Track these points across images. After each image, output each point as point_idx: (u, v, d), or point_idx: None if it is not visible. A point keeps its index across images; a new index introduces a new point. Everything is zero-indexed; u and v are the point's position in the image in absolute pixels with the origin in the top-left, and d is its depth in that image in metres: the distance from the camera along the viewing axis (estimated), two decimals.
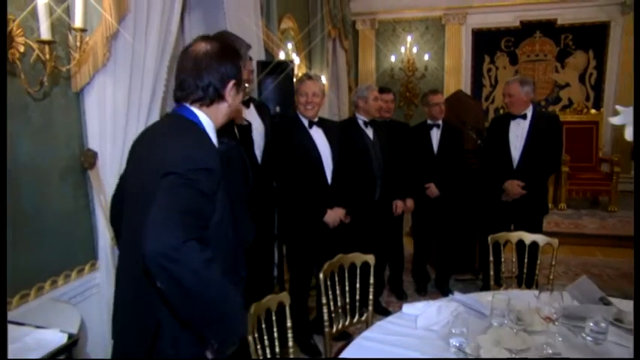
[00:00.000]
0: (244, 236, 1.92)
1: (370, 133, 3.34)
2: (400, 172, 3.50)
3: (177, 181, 1.21)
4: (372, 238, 3.28)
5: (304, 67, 5.28)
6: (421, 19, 7.65)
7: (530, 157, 3.28)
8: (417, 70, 7.58)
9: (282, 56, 4.25)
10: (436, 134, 3.69)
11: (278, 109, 3.07)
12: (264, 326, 1.76)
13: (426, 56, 7.53)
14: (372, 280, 2.27)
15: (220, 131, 1.50)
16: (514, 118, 3.35)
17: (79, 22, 1.87)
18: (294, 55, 4.81)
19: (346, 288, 2.29)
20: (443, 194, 3.65)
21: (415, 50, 7.54)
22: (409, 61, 7.56)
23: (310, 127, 2.85)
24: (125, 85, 2.17)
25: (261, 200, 2.77)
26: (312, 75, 2.97)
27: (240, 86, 1.48)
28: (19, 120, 1.85)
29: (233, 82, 1.43)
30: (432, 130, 3.70)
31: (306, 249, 2.84)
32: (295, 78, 3.91)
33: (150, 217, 1.14)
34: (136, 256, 1.18)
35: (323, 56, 5.56)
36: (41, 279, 1.97)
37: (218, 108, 1.44)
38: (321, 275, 2.11)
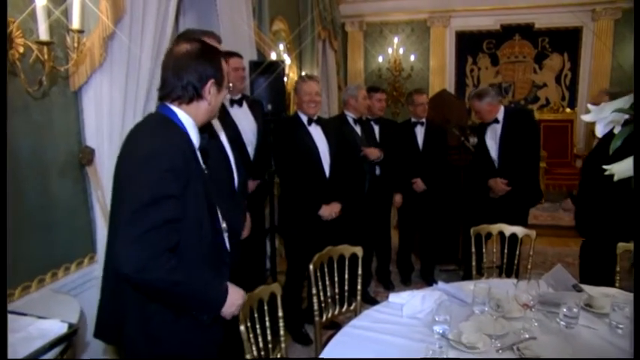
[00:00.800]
0: (235, 226, 2.00)
1: (359, 129, 3.45)
2: (391, 167, 3.61)
3: (144, 193, 1.29)
4: (361, 230, 3.38)
5: (295, 67, 5.33)
6: (407, 21, 7.79)
7: (509, 156, 3.41)
8: (403, 71, 7.69)
9: (273, 56, 4.29)
10: (421, 131, 3.81)
11: (270, 107, 3.14)
12: (256, 316, 1.80)
13: (412, 57, 7.64)
14: (360, 271, 2.33)
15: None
16: (489, 124, 3.49)
17: (76, 24, 1.91)
18: (285, 56, 4.86)
19: (335, 279, 2.35)
20: (428, 189, 3.76)
21: (402, 51, 7.65)
22: (396, 62, 7.66)
23: (309, 124, 2.93)
24: (121, 85, 2.21)
25: (253, 195, 2.84)
26: (313, 76, 3.05)
27: (221, 85, 1.52)
28: (19, 118, 1.88)
29: (212, 81, 1.48)
30: (417, 128, 3.81)
31: (306, 240, 2.90)
32: (286, 77, 3.98)
33: (120, 235, 1.29)
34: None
35: (313, 57, 5.62)
36: (42, 271, 2.01)
37: (198, 106, 1.49)
38: (311, 266, 2.15)
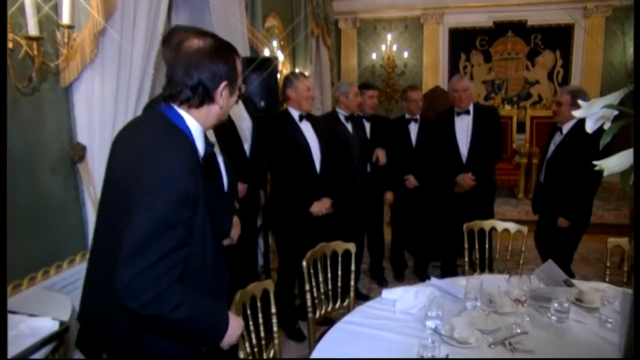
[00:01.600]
0: (223, 228, 1.97)
1: (350, 126, 3.45)
2: (382, 164, 3.60)
3: (153, 223, 1.16)
4: (353, 227, 3.39)
5: (288, 64, 5.32)
6: (400, 18, 7.79)
7: (477, 150, 3.46)
8: (396, 67, 7.71)
9: (266, 53, 4.29)
10: (414, 128, 3.81)
11: (263, 103, 3.14)
12: (249, 312, 1.80)
13: (406, 54, 7.66)
14: (353, 268, 2.34)
15: None
16: (459, 114, 3.51)
17: (66, 19, 1.89)
18: (278, 53, 4.86)
19: (329, 275, 2.36)
20: (421, 185, 3.77)
21: (395, 48, 7.66)
22: (389, 59, 7.68)
23: (300, 120, 2.94)
24: (113, 81, 2.20)
25: (246, 192, 2.83)
26: (303, 73, 3.06)
27: (234, 87, 1.36)
28: (8, 114, 1.85)
29: (225, 82, 1.31)
30: (410, 125, 3.81)
31: (297, 237, 2.90)
32: (279, 74, 3.97)
33: (124, 264, 1.14)
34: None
35: (306, 53, 5.62)
36: (33, 269, 1.99)
37: (209, 110, 1.33)
38: (304, 263, 2.16)
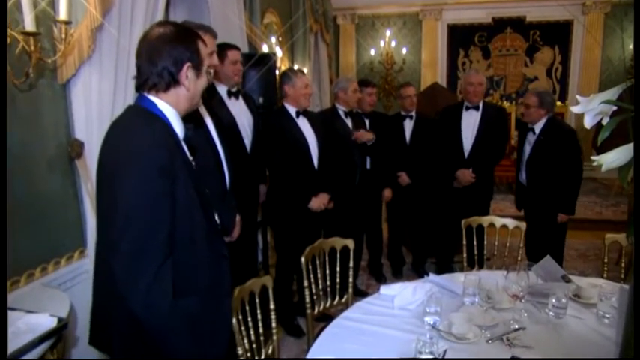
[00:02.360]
0: (225, 224, 1.96)
1: (349, 122, 3.45)
2: (382, 160, 3.61)
3: (134, 196, 1.22)
4: (352, 223, 3.39)
5: (287, 60, 5.32)
6: (399, 14, 7.80)
7: (480, 147, 3.46)
8: (395, 64, 7.70)
9: (265, 49, 4.29)
10: (409, 125, 3.81)
11: (261, 100, 3.14)
12: (247, 308, 1.80)
13: (404, 50, 7.66)
14: (351, 264, 2.34)
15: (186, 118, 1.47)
16: (467, 108, 3.51)
17: (63, 15, 1.89)
18: (277, 49, 4.85)
19: (327, 271, 2.36)
20: (415, 182, 3.77)
21: (394, 44, 7.66)
22: (388, 55, 7.67)
23: (297, 116, 2.94)
24: (110, 77, 2.19)
25: (246, 188, 2.83)
26: (300, 70, 3.06)
27: (200, 70, 1.41)
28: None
29: (188, 64, 1.36)
30: (405, 121, 3.81)
31: (295, 233, 2.90)
32: (278, 70, 3.96)
33: (115, 266, 1.21)
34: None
35: (305, 49, 5.61)
36: (31, 266, 1.99)
37: (177, 93, 1.38)
38: (303, 259, 2.15)
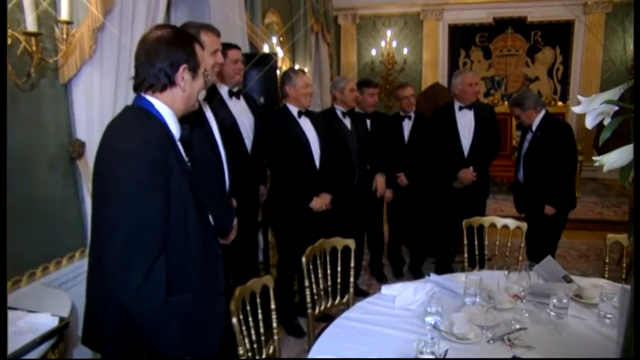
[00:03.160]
0: (223, 226, 1.96)
1: (348, 123, 3.44)
2: (382, 161, 3.61)
3: (128, 189, 1.25)
4: (353, 223, 3.39)
5: (288, 60, 5.32)
6: (400, 14, 7.79)
7: (479, 145, 3.48)
8: (396, 64, 7.70)
9: (266, 49, 4.29)
10: (407, 125, 3.81)
11: (262, 99, 3.14)
12: (248, 308, 1.80)
13: (405, 50, 7.65)
14: (352, 264, 2.33)
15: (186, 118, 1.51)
16: (461, 108, 3.52)
17: (65, 15, 1.89)
18: (278, 49, 4.86)
19: (328, 271, 2.36)
20: (413, 183, 3.76)
21: (395, 44, 7.66)
22: (389, 55, 7.67)
23: (299, 116, 2.94)
24: (112, 77, 2.19)
25: (247, 188, 2.83)
26: (302, 70, 3.06)
27: (196, 72, 1.45)
28: (7, 111, 1.85)
29: (184, 66, 1.41)
30: (404, 122, 3.82)
31: (296, 233, 2.90)
32: (279, 71, 3.96)
33: (108, 259, 1.24)
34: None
35: (306, 50, 5.62)
36: (33, 265, 2.00)
37: (173, 94, 1.42)
38: (304, 259, 2.15)
